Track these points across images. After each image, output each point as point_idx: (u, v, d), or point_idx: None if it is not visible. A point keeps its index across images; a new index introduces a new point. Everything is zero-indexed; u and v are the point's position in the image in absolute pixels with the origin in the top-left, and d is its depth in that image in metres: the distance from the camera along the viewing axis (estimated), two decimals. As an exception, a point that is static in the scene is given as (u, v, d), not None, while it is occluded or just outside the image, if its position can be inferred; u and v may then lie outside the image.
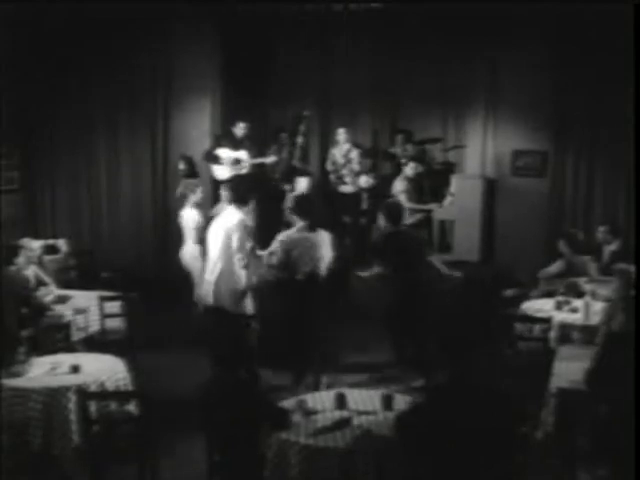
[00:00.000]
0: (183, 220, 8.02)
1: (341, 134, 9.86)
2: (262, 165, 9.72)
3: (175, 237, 8.69)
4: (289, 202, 8.51)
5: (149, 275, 8.84)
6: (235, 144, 9.44)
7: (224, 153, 9.39)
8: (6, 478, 4.78)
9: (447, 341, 3.85)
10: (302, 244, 6.53)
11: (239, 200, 6.41)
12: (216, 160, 9.39)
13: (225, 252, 6.27)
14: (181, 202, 8.18)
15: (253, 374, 5.26)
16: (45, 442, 4.88)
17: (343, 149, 9.87)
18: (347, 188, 9.87)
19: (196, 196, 7.98)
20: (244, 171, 9.42)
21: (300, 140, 9.75)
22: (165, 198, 10.08)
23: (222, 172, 9.36)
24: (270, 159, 9.69)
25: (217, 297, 6.33)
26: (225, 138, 9.57)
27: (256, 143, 9.81)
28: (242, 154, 9.42)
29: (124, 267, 9.15)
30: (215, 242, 6.39)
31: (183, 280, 7.85)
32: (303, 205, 6.77)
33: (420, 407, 3.99)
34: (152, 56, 9.86)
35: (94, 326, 6.85)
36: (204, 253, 7.00)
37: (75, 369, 5.17)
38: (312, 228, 6.60)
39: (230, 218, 6.33)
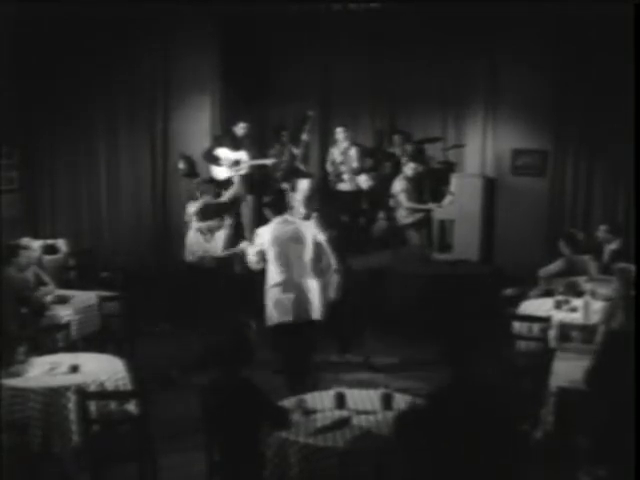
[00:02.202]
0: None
1: (340, 133, 9.86)
2: (262, 166, 9.70)
3: (175, 237, 8.69)
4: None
5: (149, 275, 8.84)
6: (235, 144, 9.44)
7: (223, 153, 9.39)
8: (6, 478, 4.78)
9: (447, 340, 3.85)
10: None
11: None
12: (215, 160, 9.39)
13: (314, 264, 6.20)
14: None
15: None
16: (45, 442, 4.88)
17: (341, 147, 9.88)
18: (345, 186, 9.86)
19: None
20: (243, 172, 9.42)
21: (304, 140, 9.74)
22: (165, 198, 10.08)
23: (221, 172, 9.37)
24: (269, 161, 9.65)
25: (301, 311, 6.15)
26: (225, 138, 9.56)
27: (256, 144, 9.80)
28: (242, 155, 9.42)
29: (124, 267, 9.16)
30: (292, 252, 6.16)
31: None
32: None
33: (419, 406, 3.99)
34: (152, 56, 9.86)
35: (93, 326, 6.86)
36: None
37: (74, 369, 5.17)
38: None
39: (312, 229, 6.28)
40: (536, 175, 9.68)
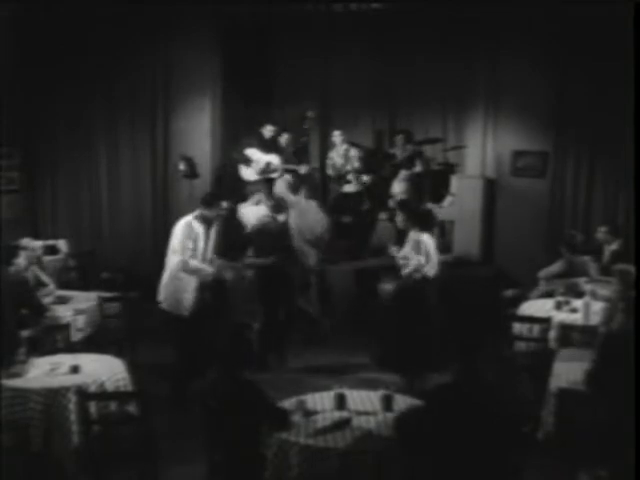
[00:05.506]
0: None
1: (336, 136, 9.80)
2: (293, 171, 9.37)
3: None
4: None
5: (149, 275, 8.83)
6: (265, 147, 9.34)
7: (254, 154, 9.32)
8: (6, 478, 4.78)
9: (448, 341, 3.85)
10: None
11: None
12: (246, 160, 9.31)
13: None
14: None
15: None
16: (45, 442, 4.87)
17: (341, 150, 9.84)
18: (349, 187, 9.82)
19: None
20: (275, 175, 9.29)
21: (304, 142, 9.69)
22: (165, 198, 10.08)
23: (249, 173, 9.30)
24: (303, 167, 9.33)
25: None
26: (254, 140, 9.43)
27: (289, 148, 9.60)
28: (273, 158, 9.35)
29: (124, 267, 9.15)
30: None
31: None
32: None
33: (420, 408, 3.99)
34: (152, 56, 9.87)
35: (94, 326, 6.86)
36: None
37: (75, 369, 5.17)
38: None
39: None
40: (536, 176, 9.66)
